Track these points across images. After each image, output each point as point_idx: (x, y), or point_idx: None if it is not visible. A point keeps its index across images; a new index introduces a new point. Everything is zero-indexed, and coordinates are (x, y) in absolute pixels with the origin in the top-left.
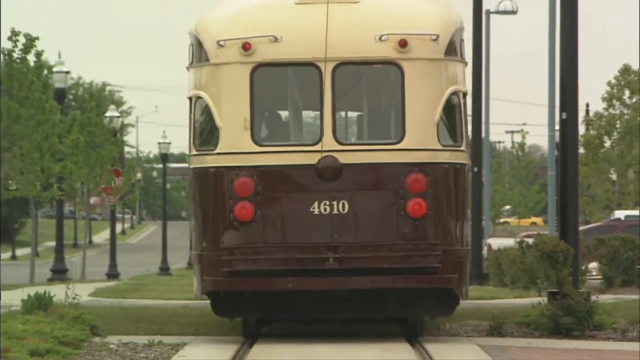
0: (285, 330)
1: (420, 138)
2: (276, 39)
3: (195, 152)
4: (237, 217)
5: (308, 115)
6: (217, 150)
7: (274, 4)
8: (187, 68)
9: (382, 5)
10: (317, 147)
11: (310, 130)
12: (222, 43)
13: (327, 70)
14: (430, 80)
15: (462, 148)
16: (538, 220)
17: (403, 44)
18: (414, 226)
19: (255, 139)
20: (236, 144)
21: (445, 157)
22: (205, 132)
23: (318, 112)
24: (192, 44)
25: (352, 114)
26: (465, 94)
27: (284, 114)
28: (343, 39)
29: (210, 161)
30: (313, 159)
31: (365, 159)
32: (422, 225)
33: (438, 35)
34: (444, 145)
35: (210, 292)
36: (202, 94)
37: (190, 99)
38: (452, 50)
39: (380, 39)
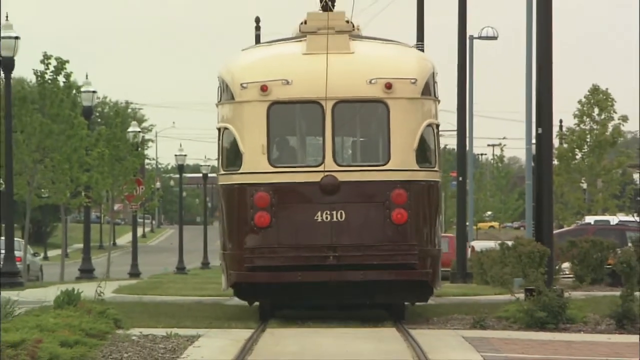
0: (291, 319)
1: (402, 161)
2: (287, 82)
3: (223, 172)
4: (257, 223)
5: (312, 142)
6: (240, 170)
7: (285, 54)
8: (216, 105)
9: (372, 55)
10: (320, 168)
11: (314, 154)
12: (244, 85)
13: (327, 107)
14: (410, 115)
15: (436, 168)
16: (495, 224)
17: (388, 86)
18: (397, 231)
19: (270, 162)
20: (256, 165)
21: (422, 176)
22: (231, 156)
23: (321, 140)
24: (220, 85)
25: (348, 141)
26: (438, 126)
27: (293, 141)
28: (341, 82)
29: (235, 179)
30: (317, 178)
31: (359, 177)
32: (403, 230)
33: (416, 79)
34: (420, 167)
35: (234, 283)
36: (229, 125)
37: (219, 129)
38: (427, 91)
39: (370, 82)
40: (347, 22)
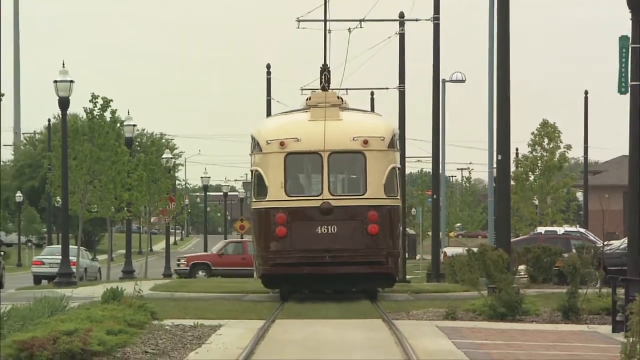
0: (296, 308)
1: (375, 192)
2: (298, 140)
3: (254, 200)
4: (277, 234)
5: (314, 179)
6: (266, 199)
7: (296, 120)
8: (250, 155)
9: (354, 121)
10: (320, 197)
11: (316, 188)
12: (269, 142)
13: (325, 156)
14: (380, 162)
15: (397, 197)
16: (451, 234)
17: (365, 142)
18: (372, 239)
19: (286, 193)
20: (277, 195)
21: (388, 202)
22: (260, 189)
23: (320, 178)
24: (252, 141)
25: (339, 179)
26: (399, 168)
27: (301, 179)
28: (333, 140)
29: (263, 205)
30: (318, 203)
31: (346, 203)
32: (376, 239)
33: (384, 137)
34: (387, 196)
35: (262, 275)
36: (258, 168)
37: (251, 171)
38: (391, 145)
39: (353, 139)
40: (338, 97)
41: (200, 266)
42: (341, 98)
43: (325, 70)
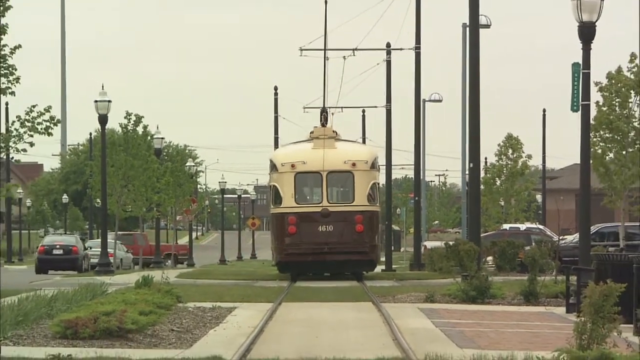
0: (299, 293)
1: (360, 201)
2: (304, 163)
3: (272, 207)
4: (289, 232)
5: (316, 191)
6: (281, 206)
7: (302, 148)
8: (269, 174)
9: (345, 149)
10: (320, 204)
11: (318, 197)
12: (283, 164)
13: (324, 175)
14: (364, 179)
15: (377, 204)
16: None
17: (354, 164)
18: (358, 235)
19: (296, 201)
20: (289, 203)
21: (370, 208)
22: (277, 199)
23: (320, 190)
24: (270, 163)
25: (334, 191)
26: (378, 184)
27: (307, 191)
28: (330, 162)
29: (279, 210)
30: (319, 209)
31: (340, 209)
32: (361, 235)
33: (367, 161)
34: (369, 204)
35: (278, 262)
36: (275, 184)
37: (270, 185)
38: (373, 166)
39: (344, 162)
40: (333, 132)
41: None
42: (335, 132)
43: (324, 112)
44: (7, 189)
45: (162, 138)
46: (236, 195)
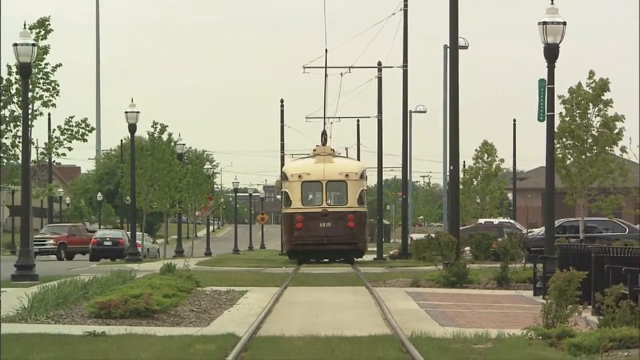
0: (303, 278)
1: (352, 204)
2: (308, 174)
3: (284, 207)
4: (297, 227)
5: (317, 196)
6: (291, 207)
7: (307, 163)
8: (280, 182)
9: (340, 163)
10: (321, 206)
11: (319, 201)
12: (292, 175)
13: (324, 183)
14: (355, 186)
15: (365, 206)
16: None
17: (347, 175)
18: (351, 230)
19: (302, 204)
20: (297, 205)
21: (360, 209)
22: (287, 202)
23: (321, 195)
24: (282, 174)
25: (332, 195)
26: (366, 190)
27: (310, 196)
28: (329, 174)
29: (289, 210)
30: (320, 210)
31: (336, 209)
32: (353, 230)
33: (357, 172)
34: (359, 206)
35: (288, 250)
36: (286, 190)
37: (281, 191)
38: (362, 176)
39: (340, 173)
40: (331, 149)
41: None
42: (333, 149)
43: (324, 134)
44: (50, 188)
45: (184, 144)
46: (248, 194)
